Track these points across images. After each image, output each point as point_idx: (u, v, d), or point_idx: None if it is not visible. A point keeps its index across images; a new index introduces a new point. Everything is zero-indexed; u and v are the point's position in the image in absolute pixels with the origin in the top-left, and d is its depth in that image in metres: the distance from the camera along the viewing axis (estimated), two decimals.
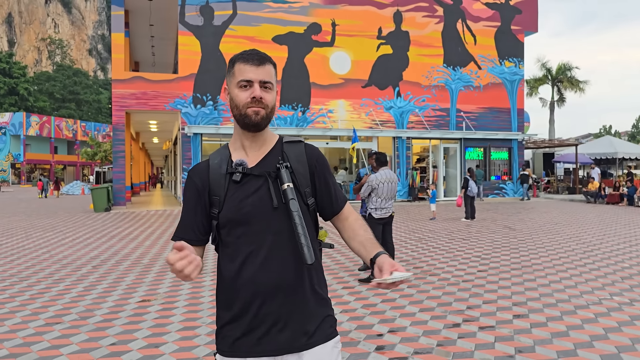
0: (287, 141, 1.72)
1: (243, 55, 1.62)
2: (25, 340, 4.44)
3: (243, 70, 1.60)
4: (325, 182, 1.73)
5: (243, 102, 1.60)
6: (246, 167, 1.62)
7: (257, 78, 1.59)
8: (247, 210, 1.59)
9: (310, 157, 1.71)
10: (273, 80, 1.64)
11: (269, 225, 1.59)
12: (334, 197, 1.75)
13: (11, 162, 57.91)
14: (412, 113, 22.05)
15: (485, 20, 23.14)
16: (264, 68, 1.61)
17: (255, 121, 1.60)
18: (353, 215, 1.78)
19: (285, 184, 1.58)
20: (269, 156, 1.66)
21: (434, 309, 5.34)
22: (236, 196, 1.61)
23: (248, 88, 1.60)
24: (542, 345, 4.25)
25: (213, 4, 19.63)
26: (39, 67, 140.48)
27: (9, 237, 11.27)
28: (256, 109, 1.59)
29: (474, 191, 14.21)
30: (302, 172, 1.66)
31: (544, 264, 7.87)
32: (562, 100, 40.33)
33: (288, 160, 1.65)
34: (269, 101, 1.62)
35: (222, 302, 1.66)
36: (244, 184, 1.62)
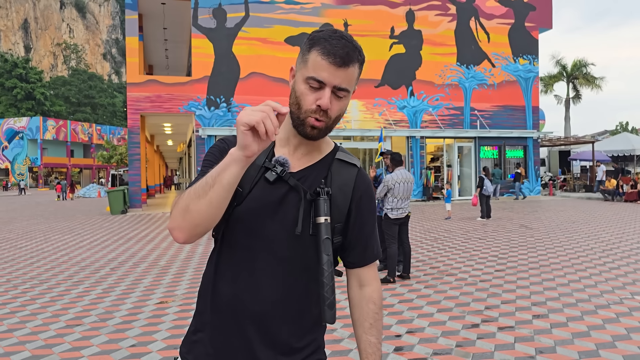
0: (340, 159, 1.41)
1: (326, 43, 1.25)
2: (47, 342, 4.49)
3: (319, 65, 1.25)
4: (363, 224, 1.42)
5: (306, 106, 1.28)
6: (287, 171, 1.33)
7: (332, 82, 1.25)
8: (264, 219, 1.32)
9: (357, 189, 1.40)
10: (352, 86, 1.30)
11: (277, 249, 1.32)
12: (368, 244, 1.44)
13: (29, 165, 58.74)
14: (425, 112, 21.95)
15: (498, 18, 22.96)
16: (347, 71, 1.26)
17: (310, 135, 1.31)
18: (372, 286, 1.44)
19: (322, 217, 1.27)
20: (314, 168, 1.37)
21: (452, 309, 5.31)
22: (261, 198, 1.32)
23: (317, 90, 1.27)
24: (563, 346, 4.20)
25: (226, 6, 19.72)
26: (54, 71, 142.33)
27: (28, 240, 11.43)
28: (316, 124, 1.28)
29: (490, 190, 14.10)
30: (339, 203, 1.36)
31: (563, 263, 7.78)
32: (578, 97, 39.85)
33: (331, 183, 1.36)
34: (335, 112, 1.29)
35: (198, 304, 1.44)
36: (275, 188, 1.33)
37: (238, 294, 1.32)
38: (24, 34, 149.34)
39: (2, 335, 4.70)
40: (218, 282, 1.36)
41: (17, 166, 59.10)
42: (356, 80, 1.32)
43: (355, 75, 1.30)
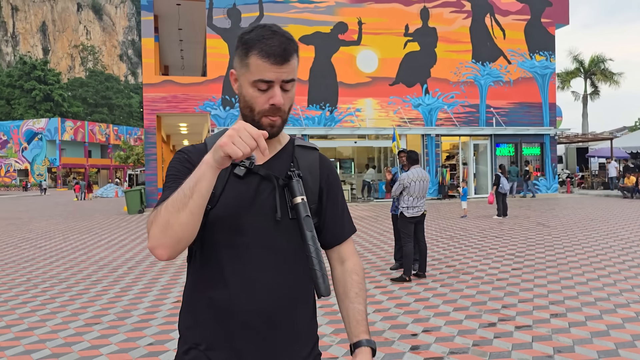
0: (300, 145, 1.45)
1: (262, 46, 1.26)
2: (66, 341, 4.56)
3: (262, 68, 1.27)
4: (335, 202, 1.47)
5: (259, 108, 1.30)
6: (254, 163, 1.33)
7: (278, 79, 1.28)
8: (242, 213, 1.31)
9: (323, 169, 1.45)
10: (295, 74, 1.33)
11: (263, 239, 1.31)
12: (340, 221, 1.47)
13: (48, 166, 59.65)
14: (440, 110, 21.82)
15: (514, 14, 22.72)
16: (289, 64, 1.29)
17: (270, 134, 1.32)
18: (352, 260, 1.47)
19: (298, 197, 1.29)
20: (278, 157, 1.40)
21: (469, 308, 5.28)
22: (234, 194, 1.32)
23: (266, 90, 1.29)
24: (582, 345, 4.15)
25: (240, 6, 19.81)
26: (72, 73, 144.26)
27: (47, 240, 11.60)
28: (272, 122, 1.32)
29: (506, 188, 13.97)
30: (310, 185, 1.40)
31: (581, 261, 7.69)
32: (596, 94, 39.30)
33: (300, 167, 1.39)
34: (287, 105, 1.33)
35: (184, 321, 1.40)
36: (247, 182, 1.33)
37: (232, 297, 1.28)
38: (42, 37, 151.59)
39: (23, 334, 4.78)
40: (206, 291, 1.32)
41: (37, 167, 60.05)
42: (297, 67, 1.35)
43: (296, 64, 1.33)
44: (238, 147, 1.10)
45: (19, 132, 60.26)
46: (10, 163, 60.17)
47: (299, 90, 20.24)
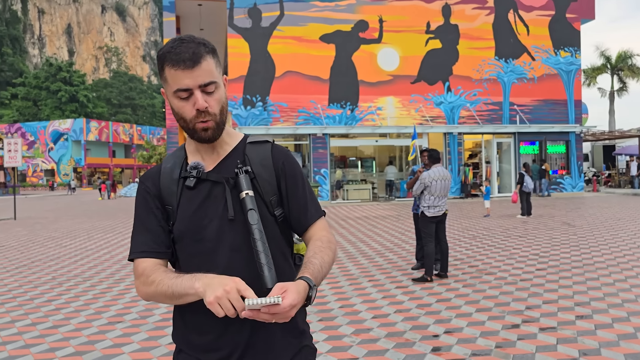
0: (251, 141, 1.47)
1: (171, 55, 1.30)
2: (90, 339, 4.62)
3: (175, 77, 1.30)
4: (293, 189, 1.44)
5: (189, 116, 1.33)
6: (202, 171, 1.39)
7: (195, 84, 1.30)
8: (200, 222, 1.36)
9: (276, 159, 1.44)
10: (215, 77, 1.34)
11: (225, 241, 1.35)
12: (303, 207, 1.45)
13: (73, 166, 60.81)
14: (463, 108, 21.58)
15: (538, 10, 22.34)
16: (201, 67, 1.30)
17: (206, 137, 1.36)
18: (318, 234, 1.44)
19: (243, 192, 1.33)
20: (228, 159, 1.42)
21: (492, 309, 5.19)
22: (189, 205, 1.38)
23: (188, 98, 1.32)
24: (608, 348, 4.04)
25: (261, 5, 19.88)
26: (96, 74, 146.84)
27: (72, 239, 11.81)
28: (205, 125, 1.34)
29: (530, 187, 13.74)
30: (266, 177, 1.41)
31: (608, 261, 7.51)
32: (623, 90, 38.43)
33: (250, 163, 1.41)
34: (215, 107, 1.34)
35: (174, 324, 1.47)
36: (199, 191, 1.38)
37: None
38: (68, 39, 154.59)
39: (48, 331, 4.86)
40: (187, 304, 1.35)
41: (62, 167, 61.27)
42: (217, 69, 1.36)
43: (213, 66, 1.34)
44: (224, 309, 1.16)
45: (46, 133, 61.56)
46: (37, 163, 61.51)
47: (320, 89, 20.24)
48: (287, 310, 1.14)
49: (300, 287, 1.20)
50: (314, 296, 1.24)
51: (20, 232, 13.57)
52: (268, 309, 1.14)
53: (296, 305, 1.16)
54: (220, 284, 1.17)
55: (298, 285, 1.20)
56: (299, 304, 1.18)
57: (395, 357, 3.95)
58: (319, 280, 1.29)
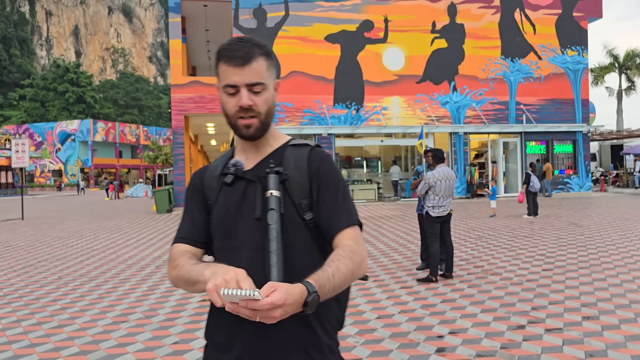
0: (292, 144, 1.48)
1: (226, 52, 1.37)
2: (94, 338, 4.63)
3: (226, 72, 1.36)
4: (324, 193, 1.40)
5: (232, 111, 1.38)
6: (241, 169, 1.43)
7: (242, 82, 1.35)
8: (232, 219, 1.39)
9: (312, 162, 1.42)
10: (264, 78, 1.38)
11: (251, 240, 1.35)
12: (333, 213, 1.38)
13: (80, 167, 61.12)
14: (469, 107, 21.49)
15: (545, 8, 22.22)
16: (251, 67, 1.35)
17: (247, 135, 1.40)
18: (343, 242, 1.35)
19: (269, 191, 1.33)
20: (267, 159, 1.44)
21: (497, 309, 5.16)
22: (225, 202, 1.42)
23: (235, 94, 1.37)
24: (615, 349, 4.00)
25: (266, 6, 19.89)
26: (103, 75, 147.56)
27: (79, 239, 11.86)
28: (247, 122, 1.37)
29: (536, 187, 13.66)
30: (299, 180, 1.39)
31: (615, 262, 7.45)
32: (631, 89, 38.17)
33: (285, 165, 1.41)
34: (261, 106, 1.38)
35: (207, 319, 1.48)
36: (236, 188, 1.42)
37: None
38: (75, 40, 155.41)
39: (53, 331, 4.88)
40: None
41: (70, 167, 61.59)
42: (268, 71, 1.39)
43: (264, 68, 1.38)
44: (220, 299, 1.12)
45: (53, 134, 61.91)
46: (45, 164, 61.87)
47: (325, 89, 20.23)
48: (268, 309, 1.07)
49: (293, 290, 1.12)
50: (314, 304, 1.16)
51: (28, 232, 13.65)
52: (246, 303, 1.07)
53: (281, 306, 1.08)
54: (221, 273, 1.16)
55: (291, 287, 1.13)
56: (286, 307, 1.10)
57: (399, 357, 3.93)
58: (325, 289, 1.20)
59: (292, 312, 1.13)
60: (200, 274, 1.26)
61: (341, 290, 1.28)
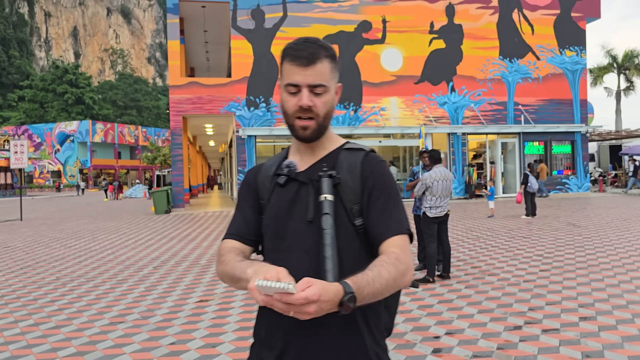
0: (347, 148, 1.46)
1: (292, 50, 1.38)
2: (91, 339, 4.62)
3: (291, 71, 1.37)
4: (375, 199, 1.38)
5: (291, 110, 1.38)
6: (294, 171, 1.43)
7: (305, 82, 1.35)
8: (283, 220, 1.39)
9: (365, 167, 1.40)
10: (327, 80, 1.38)
11: (301, 241, 1.35)
12: (382, 220, 1.36)
13: (79, 167, 61.07)
14: (467, 108, 21.50)
15: (543, 9, 22.24)
16: (315, 68, 1.35)
17: (303, 137, 1.41)
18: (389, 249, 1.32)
19: (323, 195, 1.33)
20: (322, 161, 1.44)
21: (494, 310, 5.16)
22: (278, 202, 1.42)
23: (296, 94, 1.37)
24: (612, 350, 4.00)
25: (264, 7, 19.89)
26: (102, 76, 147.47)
27: (77, 240, 11.85)
28: (304, 124, 1.38)
29: (534, 187, 13.67)
30: (350, 184, 1.38)
31: (613, 262, 7.45)
32: (630, 89, 38.21)
33: (340, 169, 1.40)
34: (320, 108, 1.37)
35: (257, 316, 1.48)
36: (288, 189, 1.42)
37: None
38: (74, 41, 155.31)
39: (50, 332, 4.87)
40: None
41: (69, 168, 61.55)
42: (331, 74, 1.40)
43: (327, 70, 1.38)
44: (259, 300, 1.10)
45: (52, 135, 61.88)
46: (44, 165, 61.83)
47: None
48: (302, 304, 1.04)
49: (329, 287, 1.10)
50: (350, 305, 1.13)
51: (26, 232, 13.64)
52: (280, 297, 1.05)
53: (315, 302, 1.05)
54: (263, 272, 1.14)
55: (327, 285, 1.10)
56: (321, 303, 1.07)
57: (395, 358, 3.93)
58: (364, 292, 1.16)
59: (327, 310, 1.11)
60: (243, 272, 1.27)
61: (382, 296, 1.23)
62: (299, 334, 1.32)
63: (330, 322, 1.26)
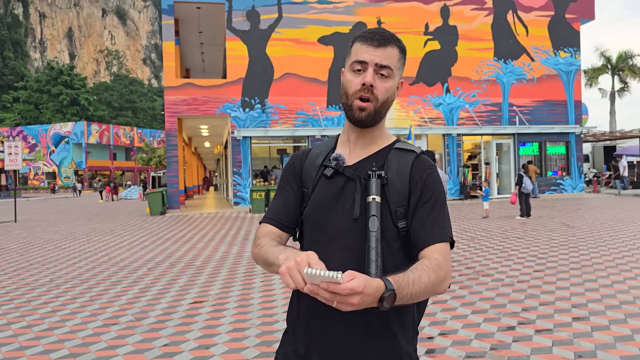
0: (398, 147, 1.45)
1: (364, 34, 1.40)
2: (85, 341, 4.61)
3: (360, 50, 1.38)
4: (421, 203, 1.36)
5: (353, 89, 1.38)
6: (342, 164, 1.42)
7: (372, 60, 1.36)
8: (326, 212, 1.40)
9: (415, 171, 1.39)
10: (394, 65, 1.39)
11: (342, 237, 1.36)
12: (425, 225, 1.34)
13: (74, 169, 60.85)
14: (462, 109, 21.56)
15: (537, 10, 22.33)
16: (385, 50, 1.37)
17: (358, 118, 1.39)
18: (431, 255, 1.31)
19: (370, 196, 1.32)
20: (371, 158, 1.43)
21: (487, 310, 5.17)
22: (322, 194, 1.42)
23: (361, 72, 1.37)
24: (605, 350, 4.02)
25: (259, 8, 19.89)
26: (97, 77, 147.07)
27: (71, 241, 11.81)
28: (362, 105, 1.37)
29: (529, 188, 13.71)
30: (398, 186, 1.37)
31: (606, 263, 7.48)
32: (624, 90, 38.39)
33: (387, 169, 1.39)
34: (380, 92, 1.37)
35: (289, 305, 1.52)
36: (334, 182, 1.41)
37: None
38: (69, 42, 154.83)
39: (43, 333, 4.85)
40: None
41: (64, 169, 61.32)
42: (398, 62, 1.42)
43: (396, 55, 1.40)
44: (295, 281, 1.11)
45: (47, 136, 61.65)
46: (39, 166, 61.58)
47: (318, 91, 20.25)
48: (347, 294, 1.06)
49: (372, 282, 1.11)
50: (390, 301, 1.13)
51: (20, 234, 13.58)
52: (327, 286, 1.06)
53: (359, 294, 1.07)
54: (294, 256, 1.15)
55: (371, 279, 1.11)
56: (364, 296, 1.08)
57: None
58: (403, 292, 1.16)
59: (368, 304, 1.11)
60: (275, 257, 1.28)
61: (419, 299, 1.23)
62: (336, 327, 1.34)
63: (366, 319, 1.31)
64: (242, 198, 19.74)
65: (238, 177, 19.73)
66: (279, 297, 6.01)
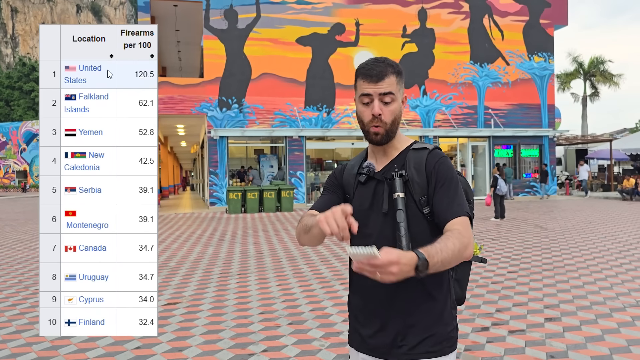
0: (414, 148, 1.73)
1: (364, 70, 1.67)
2: (53, 344, 4.49)
3: (363, 86, 1.66)
4: (439, 187, 1.63)
5: (366, 119, 1.67)
6: (372, 171, 1.72)
7: (376, 92, 1.64)
8: (366, 212, 1.68)
9: (429, 164, 1.66)
10: (394, 90, 1.66)
11: (379, 229, 1.65)
12: (446, 204, 1.61)
13: None
14: (438, 111, 21.76)
15: (512, 15, 22.68)
16: (384, 82, 1.64)
17: (375, 141, 1.68)
18: (453, 227, 1.56)
19: (395, 194, 1.61)
20: (393, 162, 1.71)
21: (462, 312, 5.21)
22: (360, 196, 1.72)
23: (369, 104, 1.65)
24: (576, 350, 4.08)
25: (237, 7, 19.75)
26: None
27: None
28: (375, 130, 1.66)
29: (504, 190, 13.91)
30: (417, 180, 1.65)
31: (578, 264, 7.62)
32: (596, 95, 39.27)
33: (407, 167, 1.67)
34: (388, 117, 1.65)
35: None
36: (368, 186, 1.72)
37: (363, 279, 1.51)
38: None
39: (10, 337, 4.72)
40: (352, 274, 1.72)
41: (35, 168, 59.96)
42: (398, 85, 1.67)
43: (394, 81, 1.66)
44: (330, 226, 1.41)
45: (18, 134, 60.18)
46: (9, 164, 60.08)
47: (296, 92, 20.22)
48: (386, 265, 1.28)
49: (405, 254, 1.34)
50: (425, 269, 1.37)
51: None
52: (368, 260, 1.28)
53: (396, 264, 1.29)
54: (330, 212, 1.44)
55: (404, 252, 1.35)
56: (401, 265, 1.30)
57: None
58: (434, 259, 1.39)
59: (406, 273, 1.33)
60: (313, 219, 1.58)
61: (449, 265, 1.47)
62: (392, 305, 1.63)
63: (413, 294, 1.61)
64: (219, 198, 19.57)
65: (214, 177, 19.55)
66: (254, 299, 5.96)
